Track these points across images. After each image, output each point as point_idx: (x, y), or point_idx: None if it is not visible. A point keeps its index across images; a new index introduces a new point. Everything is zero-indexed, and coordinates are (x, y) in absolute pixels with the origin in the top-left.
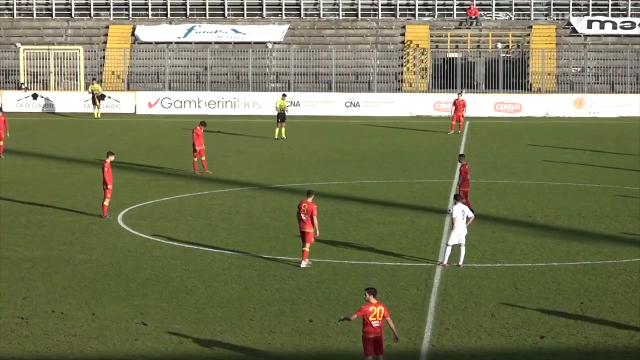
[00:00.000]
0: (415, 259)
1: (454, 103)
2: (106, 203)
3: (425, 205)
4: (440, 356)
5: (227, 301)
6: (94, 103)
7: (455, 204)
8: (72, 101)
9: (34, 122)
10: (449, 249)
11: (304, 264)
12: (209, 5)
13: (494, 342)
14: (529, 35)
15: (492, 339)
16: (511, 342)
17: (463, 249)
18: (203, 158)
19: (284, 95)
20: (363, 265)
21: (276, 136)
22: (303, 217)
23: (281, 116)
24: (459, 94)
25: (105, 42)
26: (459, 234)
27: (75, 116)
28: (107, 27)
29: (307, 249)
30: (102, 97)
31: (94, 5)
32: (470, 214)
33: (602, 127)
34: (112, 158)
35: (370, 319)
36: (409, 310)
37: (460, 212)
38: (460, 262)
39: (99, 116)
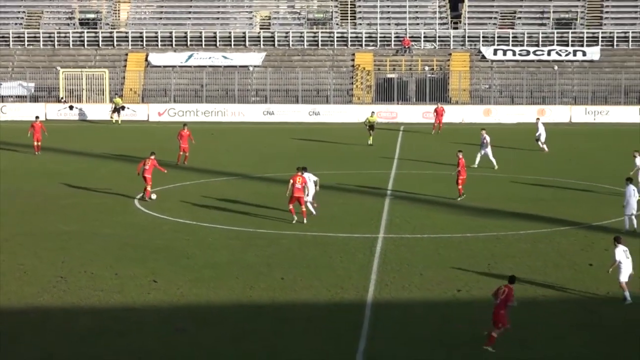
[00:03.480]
0: (362, 231)
1: (435, 111)
2: (149, 189)
3: (370, 190)
4: (382, 305)
5: (218, 264)
6: (114, 112)
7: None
8: (99, 111)
9: (70, 127)
10: (309, 205)
11: (305, 221)
12: (205, 38)
13: (422, 295)
14: (449, 60)
15: (421, 292)
16: (435, 295)
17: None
18: (180, 153)
19: (372, 112)
20: (322, 237)
21: (370, 142)
22: (298, 186)
23: (372, 127)
24: (437, 104)
25: (125, 66)
26: (311, 194)
27: (101, 123)
28: (127, 55)
29: (304, 208)
30: (122, 108)
31: (116, 37)
32: (315, 178)
33: (504, 131)
34: (153, 157)
35: (500, 295)
36: (358, 271)
37: (311, 181)
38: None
39: (119, 123)
